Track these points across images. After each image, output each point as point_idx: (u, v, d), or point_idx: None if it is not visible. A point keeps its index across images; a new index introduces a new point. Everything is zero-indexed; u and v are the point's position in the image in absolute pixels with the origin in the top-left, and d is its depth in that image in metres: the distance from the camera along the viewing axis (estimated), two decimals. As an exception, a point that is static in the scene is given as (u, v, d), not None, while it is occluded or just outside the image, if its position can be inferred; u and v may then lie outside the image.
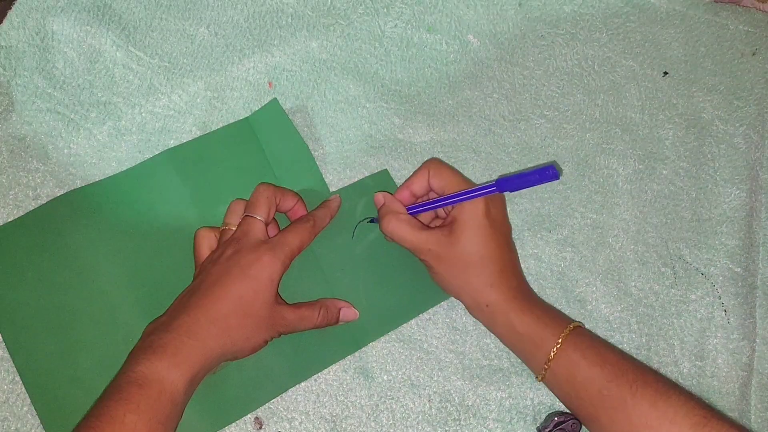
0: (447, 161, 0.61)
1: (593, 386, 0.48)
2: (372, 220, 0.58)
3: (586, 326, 0.58)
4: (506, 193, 0.61)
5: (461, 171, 0.61)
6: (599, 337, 0.54)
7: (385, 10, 0.63)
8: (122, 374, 0.44)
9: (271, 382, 0.55)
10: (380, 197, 0.56)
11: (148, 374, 0.44)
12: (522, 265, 0.59)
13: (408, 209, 0.55)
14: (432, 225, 0.57)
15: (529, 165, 0.61)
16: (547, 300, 0.59)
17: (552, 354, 0.50)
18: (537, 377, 0.52)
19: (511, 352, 0.57)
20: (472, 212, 0.52)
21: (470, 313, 0.55)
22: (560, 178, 0.50)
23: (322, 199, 0.58)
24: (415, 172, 0.55)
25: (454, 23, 0.64)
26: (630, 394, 0.46)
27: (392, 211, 0.54)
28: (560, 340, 0.50)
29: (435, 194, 0.55)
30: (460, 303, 0.57)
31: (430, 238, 0.52)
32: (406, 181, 0.56)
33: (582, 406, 0.49)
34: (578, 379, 0.49)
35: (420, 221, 0.54)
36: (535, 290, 0.59)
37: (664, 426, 0.45)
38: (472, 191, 0.51)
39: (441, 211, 0.57)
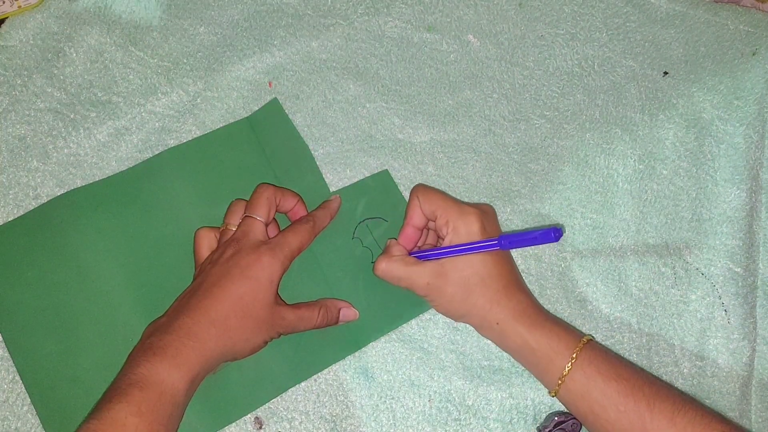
0: (447, 161, 0.61)
1: (610, 402, 0.47)
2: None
3: (587, 327, 0.58)
4: (506, 194, 0.61)
5: (461, 171, 0.61)
6: (611, 350, 0.54)
7: (386, 9, 0.63)
8: (123, 376, 0.44)
9: (271, 382, 0.55)
10: (387, 243, 0.55)
11: (148, 376, 0.43)
12: (522, 266, 0.59)
13: (411, 254, 0.54)
14: None
15: (530, 165, 0.61)
16: (547, 300, 0.59)
17: (567, 369, 0.49)
18: (550, 392, 0.51)
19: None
20: (467, 234, 0.51)
21: (481, 333, 0.54)
22: (560, 239, 0.51)
23: (322, 199, 0.58)
24: (407, 205, 0.55)
25: (455, 23, 0.64)
26: (648, 409, 0.46)
27: (384, 254, 0.54)
28: (574, 355, 0.49)
29: (431, 222, 0.55)
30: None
31: (425, 270, 0.51)
32: (405, 218, 0.55)
33: (597, 422, 0.48)
34: (594, 395, 0.48)
35: (415, 258, 0.53)
36: (536, 291, 0.59)
37: None
38: (473, 245, 0.50)
39: (437, 240, 0.57)
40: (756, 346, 0.59)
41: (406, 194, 0.60)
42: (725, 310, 0.60)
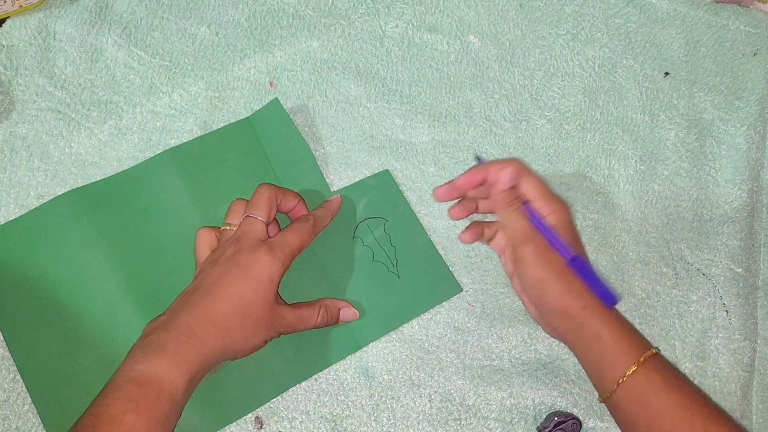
0: (448, 161, 0.61)
1: (666, 411, 0.46)
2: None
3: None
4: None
5: (462, 171, 0.60)
6: (676, 367, 0.53)
7: (386, 10, 0.63)
8: (121, 373, 0.44)
9: (272, 382, 0.55)
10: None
11: (147, 373, 0.43)
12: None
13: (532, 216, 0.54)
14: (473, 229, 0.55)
15: (531, 165, 0.61)
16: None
17: (631, 369, 0.48)
18: (602, 395, 0.50)
19: (511, 351, 0.57)
20: (565, 220, 0.53)
21: (552, 323, 0.53)
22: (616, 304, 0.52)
23: (323, 199, 0.58)
24: (502, 165, 0.53)
25: (455, 23, 0.64)
26: (703, 429, 0.45)
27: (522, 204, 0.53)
28: (642, 359, 0.48)
29: (524, 196, 0.54)
30: (462, 302, 0.57)
31: (536, 234, 0.52)
32: (484, 166, 0.53)
33: (648, 431, 0.47)
34: (652, 401, 0.47)
35: None
36: (536, 290, 0.59)
37: None
38: (559, 241, 0.52)
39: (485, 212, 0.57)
40: (757, 347, 0.59)
41: (407, 194, 0.60)
42: (726, 311, 0.60)
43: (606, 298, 0.49)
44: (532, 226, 0.52)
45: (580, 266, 0.50)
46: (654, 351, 0.49)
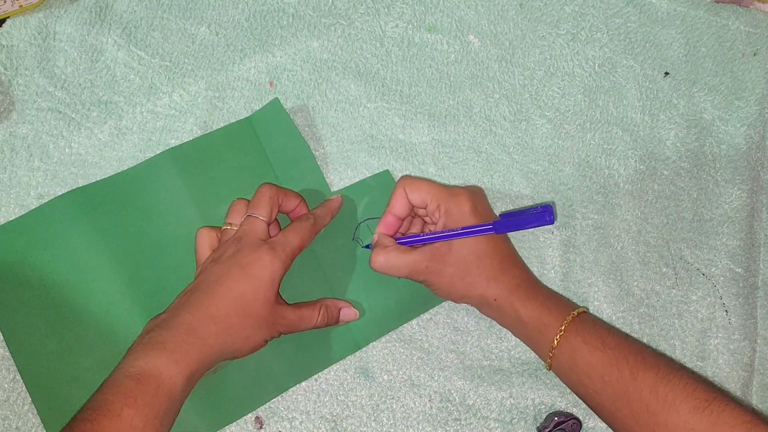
0: (448, 161, 0.61)
1: (595, 372, 0.47)
2: (367, 246, 0.58)
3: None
4: (507, 195, 0.61)
5: (462, 172, 0.61)
6: (604, 321, 0.54)
7: (386, 10, 0.63)
8: (120, 369, 0.44)
9: (272, 382, 0.55)
10: (375, 237, 0.55)
11: (146, 369, 0.44)
12: (523, 266, 0.59)
13: (398, 241, 0.54)
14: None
15: (531, 165, 0.61)
16: (548, 300, 0.59)
17: (555, 341, 0.49)
18: (546, 367, 0.51)
19: (511, 351, 0.58)
20: (459, 215, 0.52)
21: (482, 312, 0.54)
22: (555, 222, 0.51)
23: (323, 199, 0.58)
24: (392, 195, 0.54)
25: (455, 23, 0.64)
26: (631, 378, 0.46)
27: (379, 245, 0.53)
28: (563, 327, 0.49)
29: (421, 210, 0.55)
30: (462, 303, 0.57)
31: (422, 256, 0.52)
32: (387, 207, 0.55)
33: (587, 394, 0.48)
34: (580, 365, 0.48)
35: (409, 246, 0.54)
36: (536, 290, 0.59)
37: (663, 411, 0.44)
38: (468, 230, 0.51)
39: (429, 226, 0.57)
40: (757, 347, 0.59)
41: (407, 194, 0.60)
42: (726, 311, 0.60)
43: (542, 222, 0.48)
44: (404, 257, 0.52)
45: (504, 227, 0.50)
46: (575, 314, 0.50)
